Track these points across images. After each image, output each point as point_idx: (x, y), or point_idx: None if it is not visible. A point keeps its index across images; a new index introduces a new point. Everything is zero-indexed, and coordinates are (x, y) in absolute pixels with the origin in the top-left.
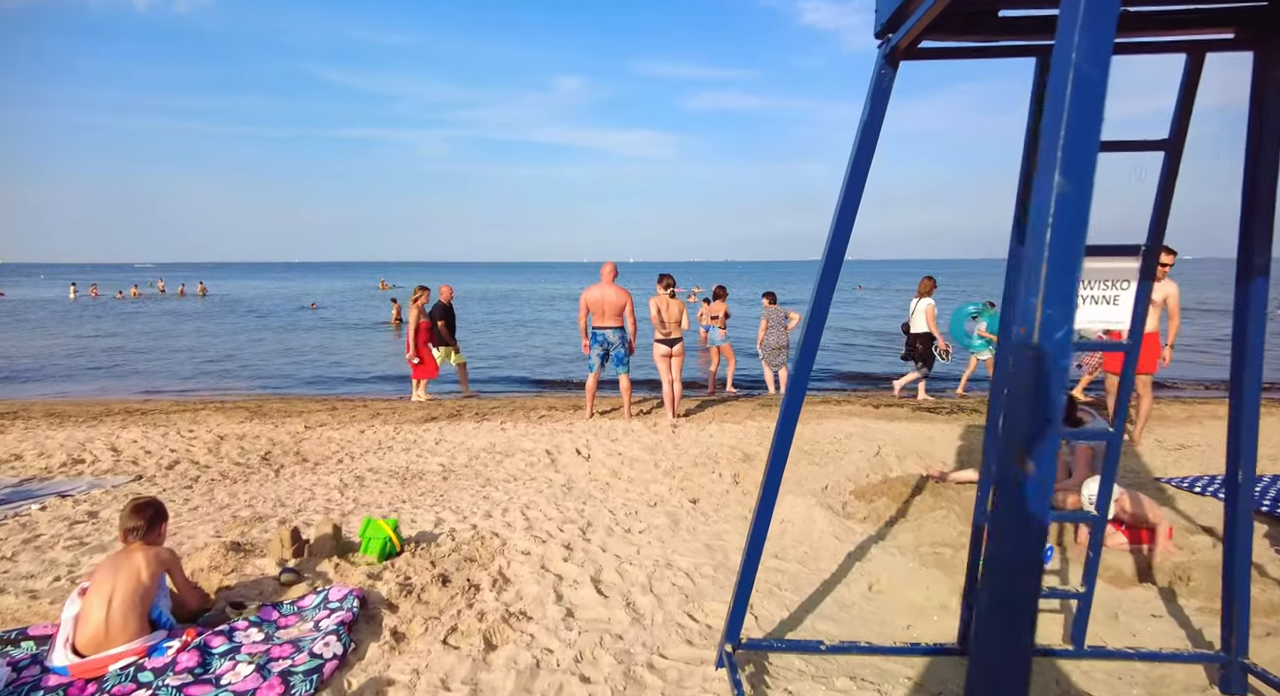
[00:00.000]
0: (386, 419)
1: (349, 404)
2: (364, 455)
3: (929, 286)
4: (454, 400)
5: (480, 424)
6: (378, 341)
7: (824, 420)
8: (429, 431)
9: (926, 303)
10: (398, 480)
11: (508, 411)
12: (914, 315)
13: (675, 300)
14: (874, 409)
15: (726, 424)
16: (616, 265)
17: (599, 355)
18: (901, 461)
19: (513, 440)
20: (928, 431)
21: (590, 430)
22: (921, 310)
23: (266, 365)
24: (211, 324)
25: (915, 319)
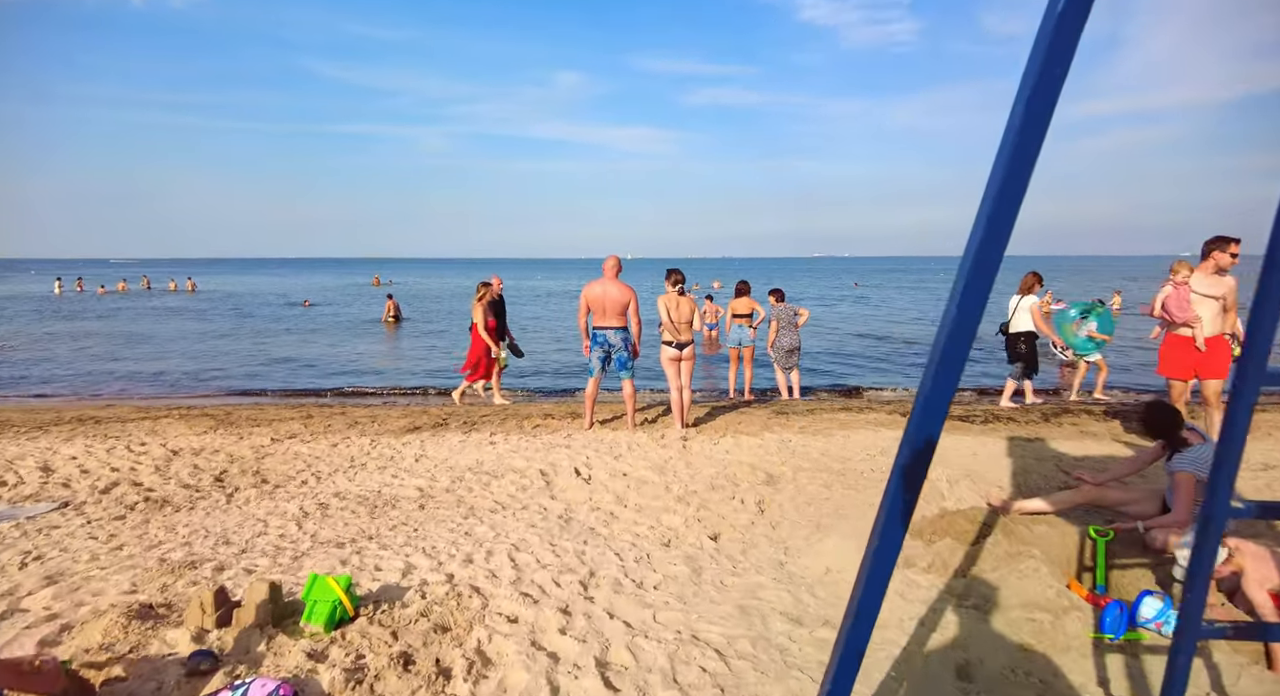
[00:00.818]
0: (365, 429)
1: (326, 411)
2: (332, 475)
3: (1031, 282)
4: (440, 409)
5: (467, 436)
6: (368, 341)
7: (850, 431)
8: (409, 445)
9: (1030, 300)
10: (366, 508)
11: (498, 421)
12: (1015, 314)
13: (686, 298)
14: (901, 418)
15: (742, 436)
16: (620, 260)
17: (600, 358)
18: (953, 487)
19: (503, 457)
20: (969, 446)
21: (591, 444)
22: (1025, 308)
23: (245, 366)
24: (194, 321)
25: (1017, 318)
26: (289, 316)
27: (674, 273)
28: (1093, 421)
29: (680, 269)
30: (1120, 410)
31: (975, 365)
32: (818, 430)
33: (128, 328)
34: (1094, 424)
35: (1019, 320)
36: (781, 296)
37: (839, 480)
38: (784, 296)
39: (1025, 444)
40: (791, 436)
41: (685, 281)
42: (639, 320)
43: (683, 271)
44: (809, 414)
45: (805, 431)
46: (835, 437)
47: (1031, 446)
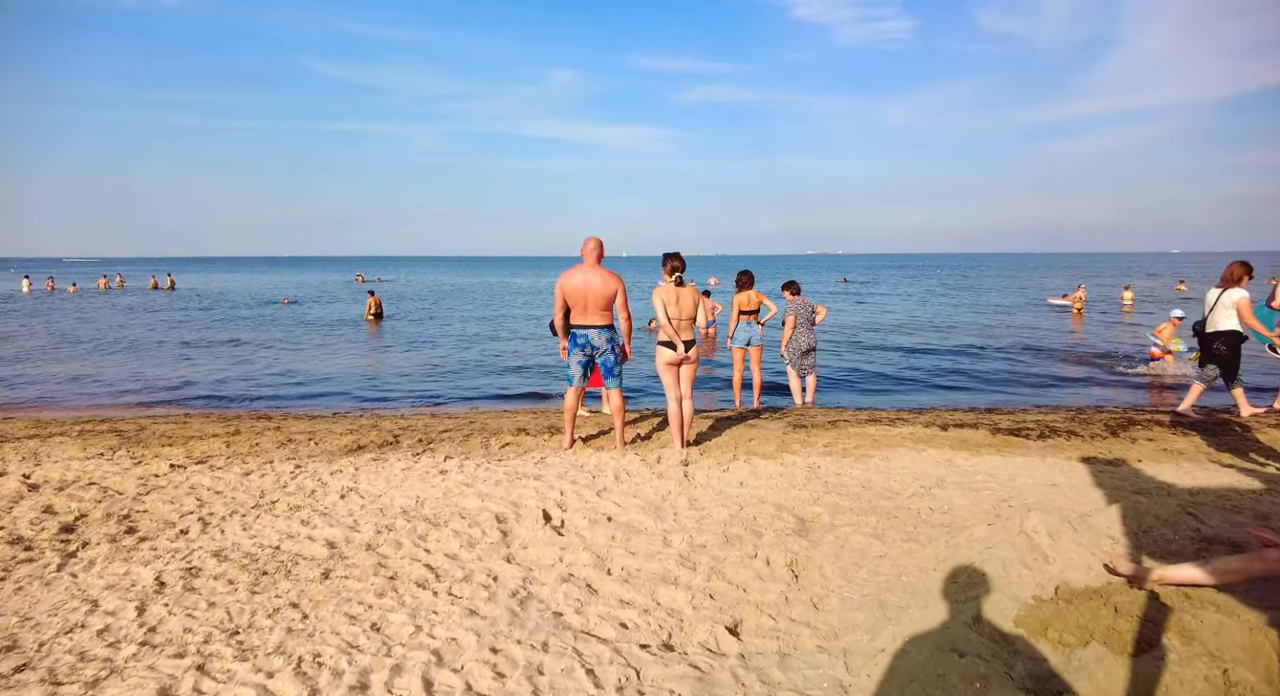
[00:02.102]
0: (296, 449)
1: (259, 426)
2: (226, 520)
3: (1239, 273)
4: (396, 421)
5: (415, 461)
6: (343, 341)
7: (888, 452)
8: (339, 475)
9: (1238, 295)
10: (250, 577)
11: (460, 437)
12: (1216, 310)
13: (688, 289)
14: (941, 430)
15: (757, 459)
16: (602, 243)
17: (581, 363)
18: (1056, 541)
19: (451, 493)
20: (1040, 471)
21: (569, 472)
22: (1229, 303)
23: (197, 369)
24: (157, 320)
25: (1219, 315)
26: (263, 315)
27: (671, 258)
28: (1170, 435)
29: (679, 253)
30: (1198, 422)
31: (978, 361)
32: (848, 450)
33: (79, 328)
34: (1173, 438)
35: (1220, 318)
36: (797, 290)
37: (892, 525)
38: (799, 290)
39: (1108, 468)
40: (818, 460)
41: (685, 269)
42: (628, 315)
43: (682, 257)
44: (832, 427)
45: (833, 452)
46: (873, 461)
47: (1119, 472)
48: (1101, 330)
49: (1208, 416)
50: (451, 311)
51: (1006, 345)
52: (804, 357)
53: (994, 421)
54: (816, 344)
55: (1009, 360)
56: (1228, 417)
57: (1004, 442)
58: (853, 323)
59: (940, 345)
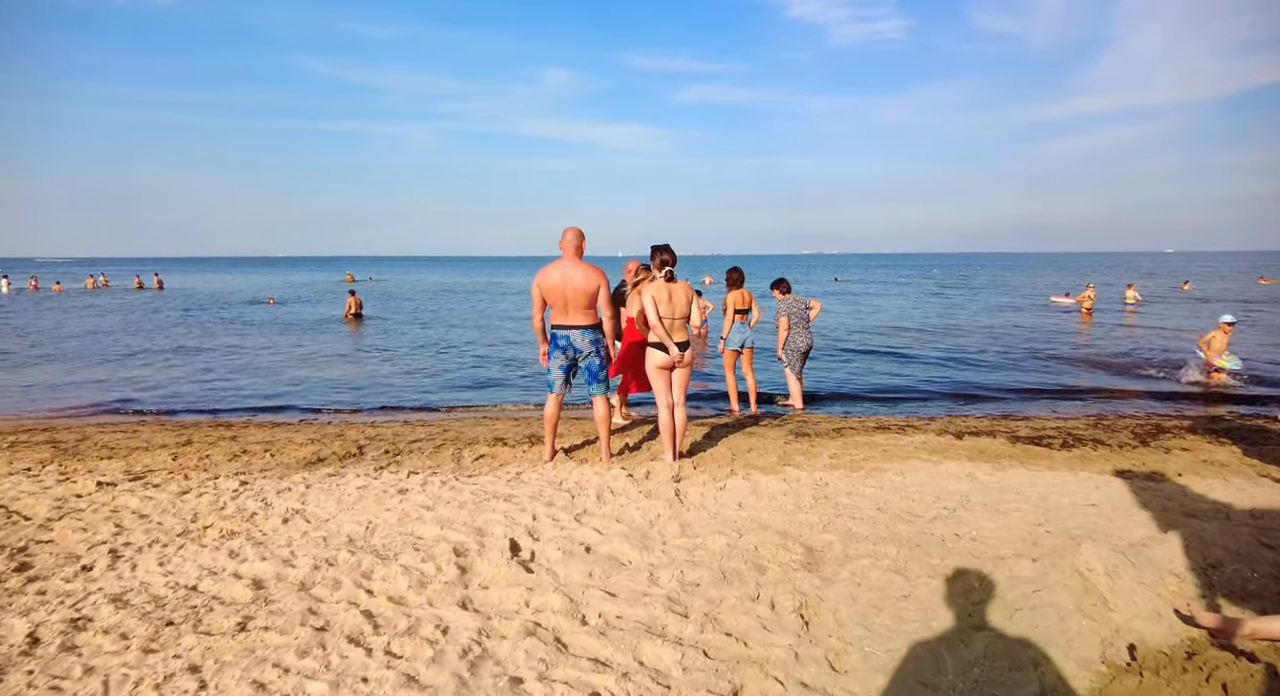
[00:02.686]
0: (249, 461)
1: (215, 434)
2: (142, 553)
3: None
4: (363, 429)
5: (376, 477)
6: (321, 342)
7: (901, 465)
8: (287, 494)
9: None
10: (149, 629)
11: (431, 448)
12: None
13: (680, 285)
14: (956, 439)
15: (756, 473)
16: (582, 234)
17: (562, 368)
18: (1114, 581)
19: (408, 518)
20: (1076, 488)
21: (545, 489)
22: None
23: (162, 372)
24: (136, 320)
25: None
26: (244, 316)
27: (660, 251)
28: (1206, 444)
29: (669, 246)
30: (1233, 430)
31: (982, 371)
32: (857, 463)
33: (50, 328)
34: (1211, 448)
35: None
36: (787, 288)
37: (915, 557)
38: (790, 288)
39: (1149, 483)
40: (825, 475)
41: (676, 262)
42: (614, 313)
43: (673, 250)
44: (837, 436)
45: (840, 465)
46: (886, 476)
47: (1162, 489)
48: (1113, 331)
49: (1242, 422)
50: (438, 312)
51: (1016, 347)
52: (801, 359)
53: (1011, 429)
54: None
55: (1020, 363)
56: (1264, 424)
57: (1025, 453)
58: (851, 324)
59: (945, 347)
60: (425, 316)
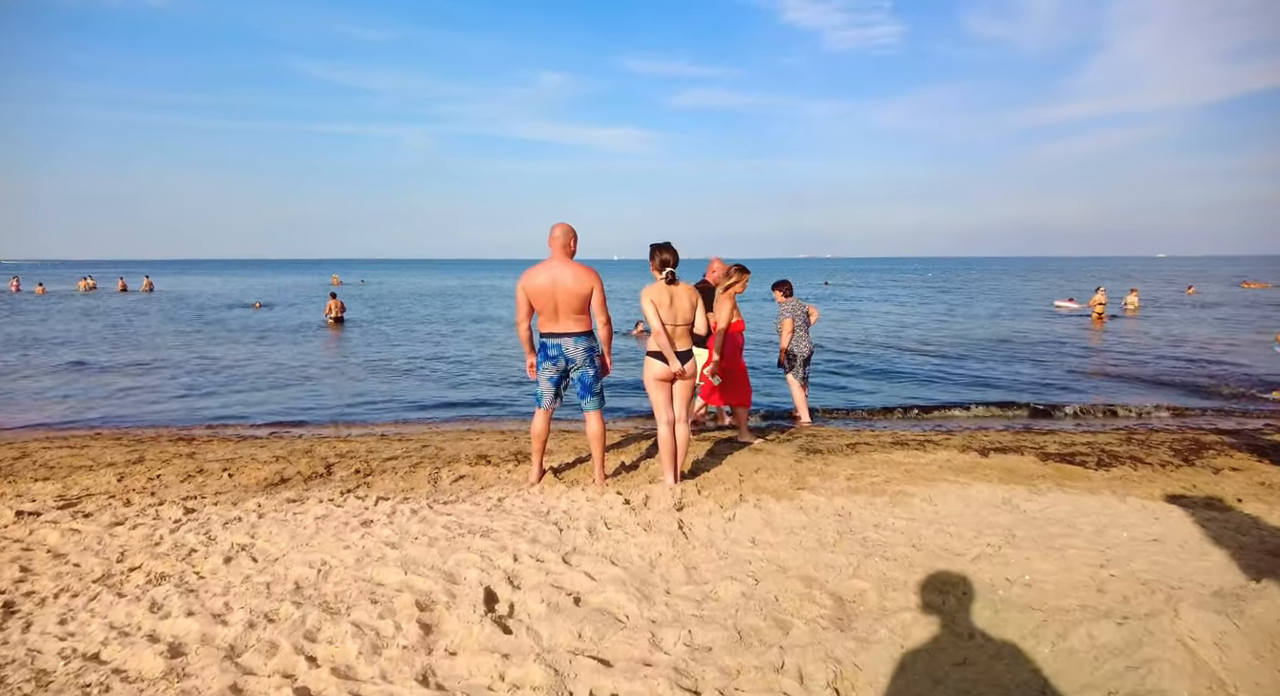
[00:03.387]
0: (203, 483)
1: (172, 450)
2: (45, 605)
3: None
4: (334, 445)
5: (342, 502)
6: (300, 347)
7: (930, 488)
8: (236, 525)
9: None
10: None
11: (407, 468)
12: None
13: (683, 288)
14: (981, 457)
15: (768, 498)
16: (574, 231)
17: (552, 380)
18: (1226, 653)
19: (369, 558)
20: (1129, 518)
21: (529, 521)
22: None
23: (132, 381)
24: (117, 323)
25: None
26: (226, 319)
27: (660, 250)
28: (1257, 463)
29: (670, 244)
30: (1276, 444)
31: (984, 388)
32: (878, 486)
33: (20, 332)
34: (1265, 468)
35: None
36: (789, 290)
37: (964, 607)
38: (792, 290)
39: (1211, 513)
40: (845, 501)
41: (678, 262)
42: (608, 319)
43: (674, 249)
44: (852, 453)
45: (860, 488)
46: (914, 503)
47: (1228, 520)
48: (1125, 337)
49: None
50: (426, 316)
51: (1029, 354)
52: (804, 366)
53: (1038, 444)
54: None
55: (1034, 372)
56: None
57: (1060, 472)
58: (849, 332)
59: (953, 354)
60: (412, 321)
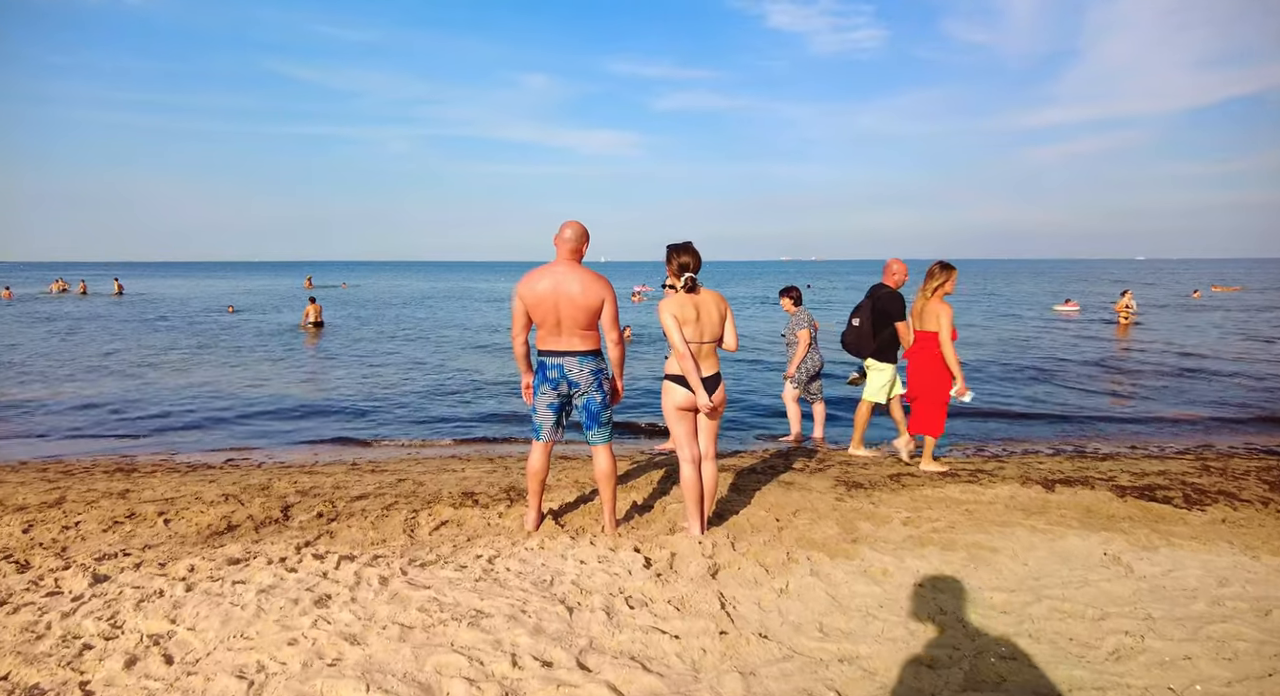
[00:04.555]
0: (130, 532)
1: (104, 486)
2: None
3: None
4: (295, 478)
5: (296, 563)
6: (273, 355)
7: (1008, 539)
8: (155, 603)
9: None
10: None
11: (379, 510)
12: None
13: (710, 296)
14: (1047, 491)
15: (820, 555)
16: (586, 232)
17: (552, 406)
18: None
19: (320, 660)
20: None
21: (530, 599)
22: None
23: (77, 393)
24: (74, 328)
25: None
26: (195, 324)
27: (680, 251)
28: None
29: (691, 244)
30: None
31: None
32: (943, 533)
33: None
34: None
35: None
36: (799, 298)
37: None
38: (801, 297)
39: None
40: (918, 561)
41: (700, 266)
42: (620, 336)
43: (696, 251)
44: (899, 487)
45: (924, 537)
46: (999, 560)
47: None
48: (1151, 344)
49: None
50: (408, 321)
51: (1049, 365)
52: (813, 382)
53: (1105, 474)
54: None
55: (1057, 384)
56: None
57: (1147, 513)
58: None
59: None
60: (393, 326)
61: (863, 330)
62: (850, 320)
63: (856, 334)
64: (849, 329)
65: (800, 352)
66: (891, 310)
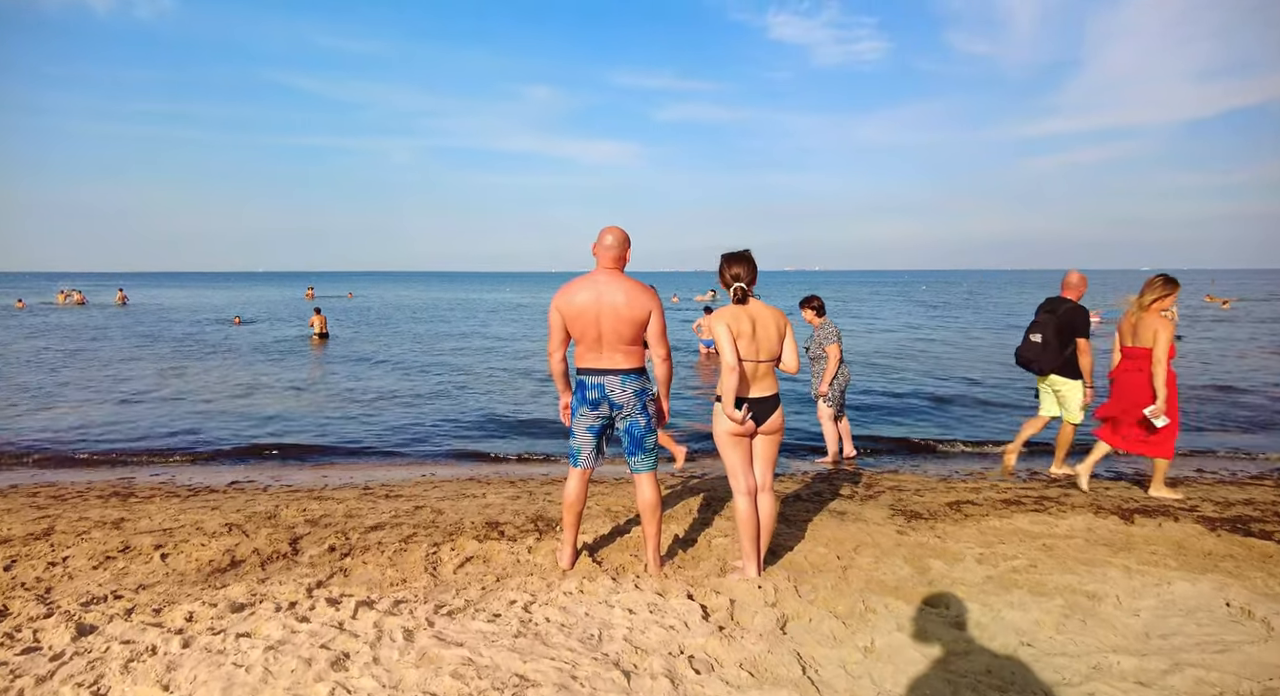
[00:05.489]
0: (126, 568)
1: (97, 514)
2: None
3: None
4: (309, 497)
5: (308, 609)
6: (277, 368)
7: (1103, 577)
8: (144, 663)
9: None
10: None
11: (396, 542)
12: None
13: (768, 310)
14: (1126, 523)
15: (895, 602)
16: (628, 237)
17: (592, 429)
18: None
19: None
20: None
21: (579, 660)
22: None
23: (73, 409)
24: (78, 340)
25: None
26: (199, 335)
27: (733, 261)
28: None
29: (748, 253)
30: None
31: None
32: (1029, 575)
33: None
34: None
35: None
36: (822, 308)
37: None
38: (824, 309)
39: None
40: (1010, 610)
41: (755, 278)
42: (668, 352)
43: (751, 259)
44: (960, 516)
45: (1006, 579)
46: (1104, 609)
47: None
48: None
49: None
50: (417, 332)
51: None
52: (841, 397)
53: (1183, 501)
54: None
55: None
56: None
57: (1249, 551)
58: (859, 352)
59: (996, 380)
60: (401, 337)
61: (1047, 346)
62: (1027, 336)
63: (1040, 350)
64: (1028, 345)
65: (832, 368)
66: (1078, 325)
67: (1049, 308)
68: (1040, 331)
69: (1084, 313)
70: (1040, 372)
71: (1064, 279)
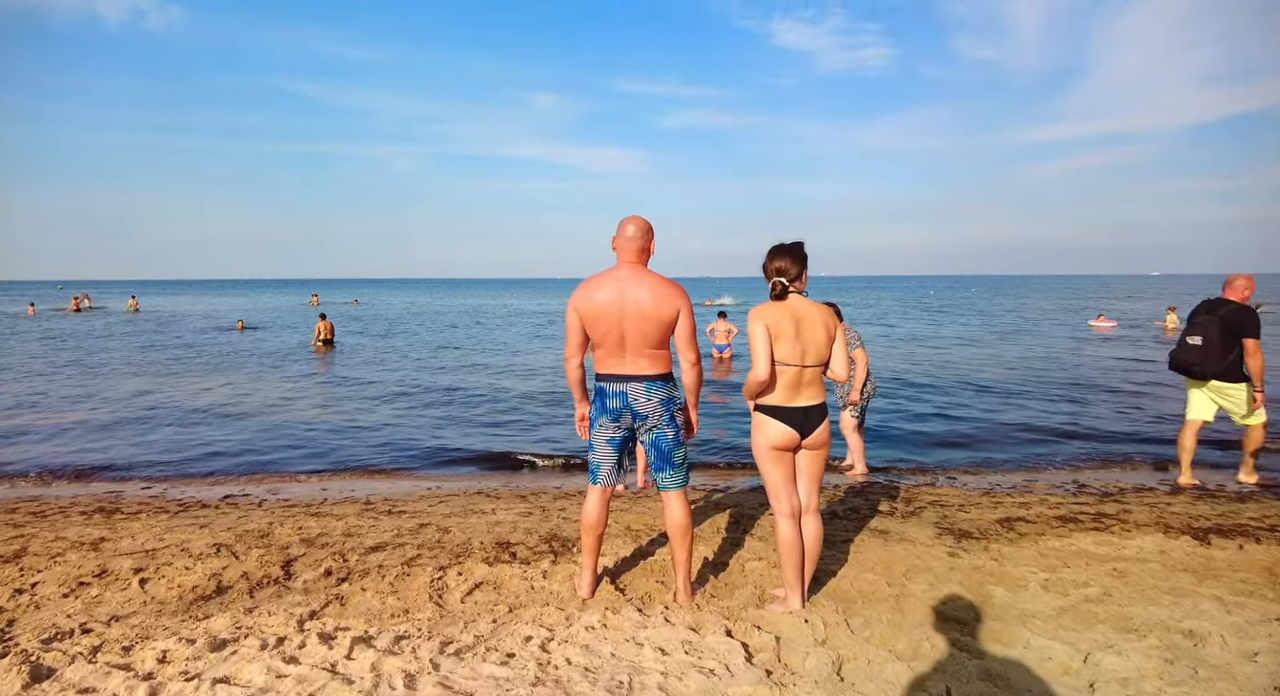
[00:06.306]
0: (100, 596)
1: (76, 533)
2: None
3: None
4: (305, 513)
5: (299, 646)
6: (280, 376)
7: (1194, 611)
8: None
9: None
10: None
11: (398, 564)
12: None
13: (815, 308)
14: (1200, 544)
15: (964, 637)
16: (651, 228)
17: (612, 443)
18: None
19: None
20: None
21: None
22: None
23: (70, 416)
24: (79, 345)
25: None
26: (204, 342)
27: (780, 254)
28: None
29: (800, 245)
30: None
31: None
32: (1105, 608)
33: None
34: None
35: None
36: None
37: None
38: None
39: None
40: (1091, 646)
41: (801, 273)
42: (698, 357)
43: (798, 251)
44: (1014, 535)
45: (1082, 613)
46: (1212, 652)
47: None
48: None
49: None
50: (423, 338)
51: (1108, 379)
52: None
53: (1260, 519)
54: None
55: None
56: None
57: None
58: (900, 355)
59: (1014, 385)
60: (407, 344)
61: (1209, 348)
62: (1184, 339)
63: (1201, 353)
64: (1184, 347)
65: (861, 373)
66: (1247, 324)
67: (1208, 309)
68: (1201, 333)
69: (1252, 313)
70: (1201, 377)
71: (1228, 281)
